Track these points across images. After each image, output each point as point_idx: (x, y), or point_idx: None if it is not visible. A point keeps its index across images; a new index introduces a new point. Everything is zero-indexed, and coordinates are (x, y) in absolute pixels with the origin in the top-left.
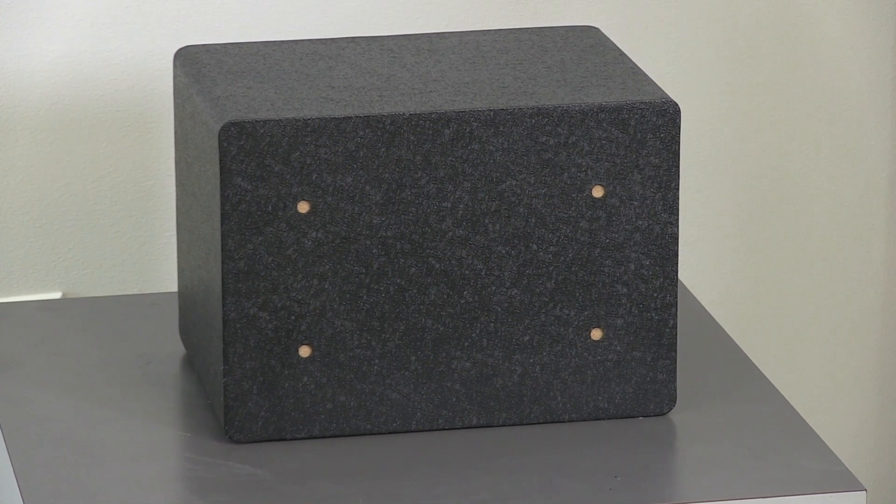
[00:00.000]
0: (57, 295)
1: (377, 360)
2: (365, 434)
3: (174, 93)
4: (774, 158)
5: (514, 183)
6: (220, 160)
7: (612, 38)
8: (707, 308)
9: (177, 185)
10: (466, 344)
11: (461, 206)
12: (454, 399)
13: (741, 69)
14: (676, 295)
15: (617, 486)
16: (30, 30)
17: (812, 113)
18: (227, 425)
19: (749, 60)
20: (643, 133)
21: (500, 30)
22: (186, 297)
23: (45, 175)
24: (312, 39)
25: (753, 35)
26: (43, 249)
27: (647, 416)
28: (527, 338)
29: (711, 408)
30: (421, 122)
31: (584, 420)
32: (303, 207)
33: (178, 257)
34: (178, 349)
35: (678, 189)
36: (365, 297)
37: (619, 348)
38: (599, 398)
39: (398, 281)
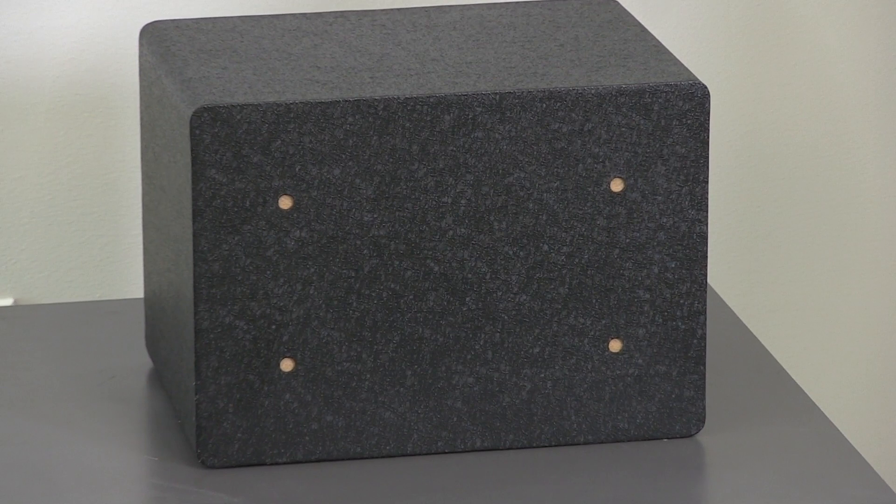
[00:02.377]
0: (9, 302)
1: (368, 375)
2: (355, 458)
3: (140, 74)
4: (814, 147)
5: (522, 175)
6: (192, 150)
7: (632, 12)
8: (739, 316)
9: (143, 179)
10: (469, 357)
11: (463, 201)
12: (455, 419)
13: (777, 48)
14: (705, 301)
15: None
16: None
17: (856, 96)
18: (200, 448)
19: (786, 38)
20: (668, 119)
21: (506, 3)
22: (154, 304)
23: None
24: (296, 14)
25: (790, 9)
26: None
27: (672, 438)
28: (537, 350)
29: (744, 428)
30: (418, 106)
31: (602, 442)
32: (285, 203)
33: (145, 259)
34: (145, 362)
35: (707, 182)
36: (355, 303)
37: (640, 362)
38: (619, 418)
39: (392, 286)
